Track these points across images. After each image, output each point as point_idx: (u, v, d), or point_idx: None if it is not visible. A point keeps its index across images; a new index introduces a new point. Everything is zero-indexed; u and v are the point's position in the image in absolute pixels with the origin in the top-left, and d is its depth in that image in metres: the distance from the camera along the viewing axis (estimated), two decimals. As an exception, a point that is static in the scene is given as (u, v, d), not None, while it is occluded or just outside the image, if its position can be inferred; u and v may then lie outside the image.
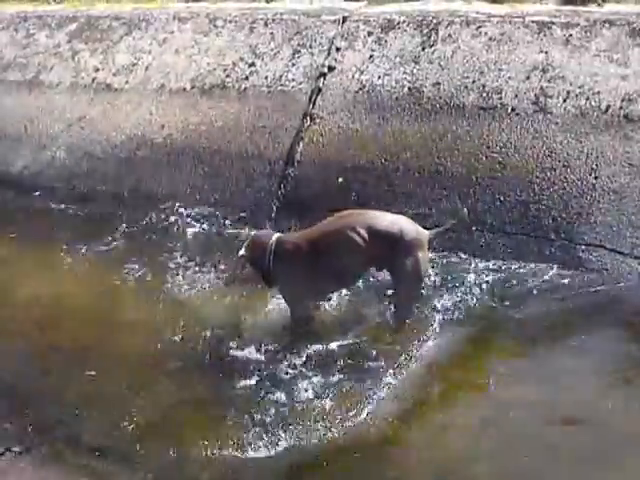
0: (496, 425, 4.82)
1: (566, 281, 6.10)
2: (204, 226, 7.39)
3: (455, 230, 6.21)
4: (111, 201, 8.03)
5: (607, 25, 7.10)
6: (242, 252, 5.66)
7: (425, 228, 5.72)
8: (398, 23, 7.87)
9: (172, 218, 7.51)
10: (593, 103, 6.76)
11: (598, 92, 6.80)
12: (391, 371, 5.35)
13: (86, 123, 8.77)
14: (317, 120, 7.64)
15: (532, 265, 6.31)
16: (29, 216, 8.13)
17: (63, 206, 8.19)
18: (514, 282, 6.16)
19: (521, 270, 6.29)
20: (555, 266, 6.25)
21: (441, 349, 5.60)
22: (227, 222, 7.36)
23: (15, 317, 6.43)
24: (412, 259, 5.51)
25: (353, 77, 7.73)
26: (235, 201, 7.55)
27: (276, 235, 5.72)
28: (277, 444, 4.88)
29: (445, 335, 5.69)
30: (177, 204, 7.64)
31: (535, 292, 6.04)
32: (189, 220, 7.48)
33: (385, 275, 5.90)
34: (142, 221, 7.56)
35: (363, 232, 5.47)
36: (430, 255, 5.84)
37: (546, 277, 6.18)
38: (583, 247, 6.29)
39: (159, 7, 9.64)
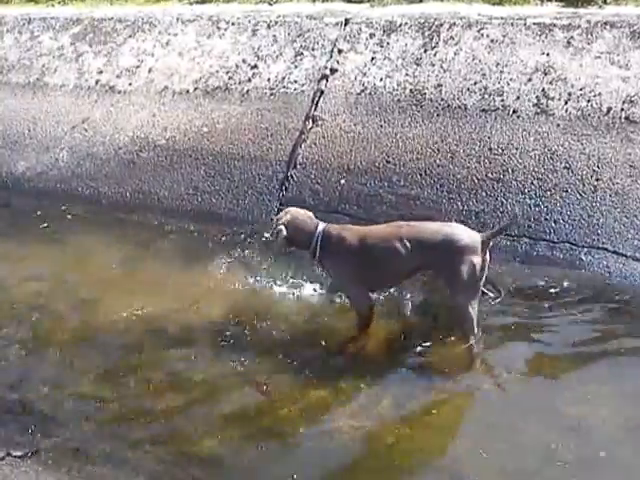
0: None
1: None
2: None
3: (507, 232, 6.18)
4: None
5: (608, 27, 7.11)
6: (284, 233, 5.70)
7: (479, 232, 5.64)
8: (400, 25, 7.88)
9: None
10: (594, 105, 6.77)
11: (599, 94, 6.81)
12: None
13: (89, 125, 8.79)
14: (319, 122, 7.65)
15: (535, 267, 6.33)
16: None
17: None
18: (518, 284, 6.18)
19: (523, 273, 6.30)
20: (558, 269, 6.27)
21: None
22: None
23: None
24: (464, 265, 5.40)
25: (355, 79, 7.75)
26: (237, 202, 7.55)
27: (322, 224, 5.76)
28: (278, 445, 4.90)
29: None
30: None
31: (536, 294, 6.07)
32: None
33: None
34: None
35: (407, 242, 5.48)
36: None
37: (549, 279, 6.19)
38: (585, 249, 6.30)
39: (163, 9, 9.65)
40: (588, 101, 6.81)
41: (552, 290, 6.09)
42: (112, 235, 7.54)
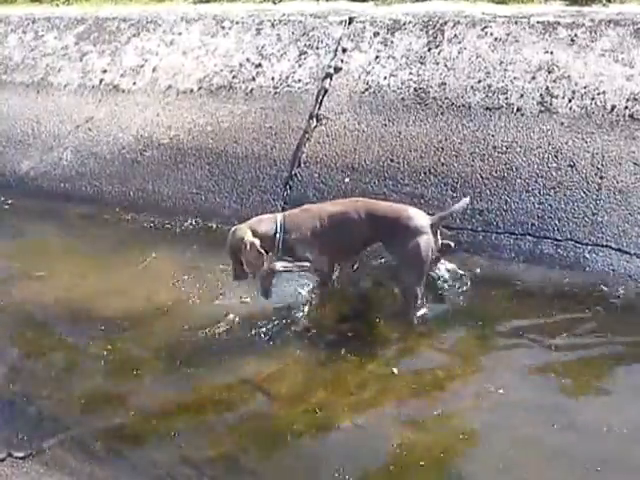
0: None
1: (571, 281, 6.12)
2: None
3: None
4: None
5: (612, 25, 7.10)
6: (252, 240, 5.78)
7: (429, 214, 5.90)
8: (404, 24, 7.87)
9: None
10: (598, 103, 6.76)
11: (603, 92, 6.80)
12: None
13: (93, 124, 8.79)
14: (323, 121, 7.64)
15: (539, 265, 6.32)
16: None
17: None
18: (519, 282, 6.17)
19: (527, 271, 6.30)
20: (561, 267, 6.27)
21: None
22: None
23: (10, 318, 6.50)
24: (414, 242, 5.67)
25: (359, 78, 7.74)
26: (241, 202, 7.55)
27: (279, 214, 6.02)
28: (279, 447, 4.88)
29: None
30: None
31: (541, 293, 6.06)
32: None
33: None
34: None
35: (362, 215, 5.82)
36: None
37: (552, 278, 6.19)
38: (589, 247, 6.28)
39: (167, 9, 9.65)
40: (592, 99, 6.80)
41: (556, 288, 6.06)
42: (115, 236, 7.56)
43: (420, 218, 5.76)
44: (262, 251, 5.74)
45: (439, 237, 5.84)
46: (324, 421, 4.99)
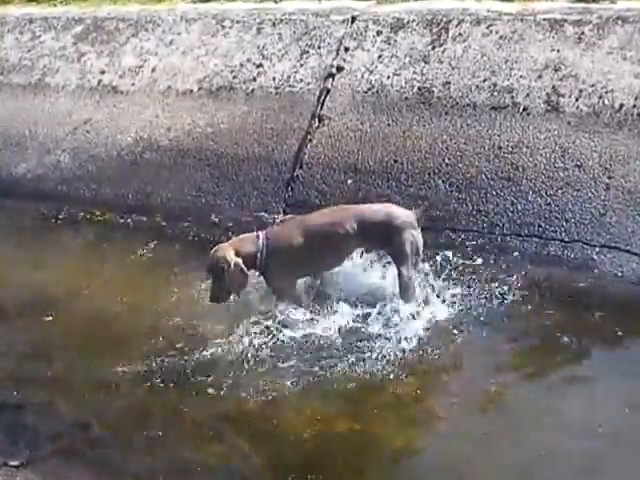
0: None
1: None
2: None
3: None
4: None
5: (620, 22, 7.03)
6: (235, 259, 5.74)
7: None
8: (407, 22, 7.81)
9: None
10: (606, 101, 6.70)
11: (611, 90, 6.73)
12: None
13: (92, 126, 8.76)
14: (326, 121, 7.60)
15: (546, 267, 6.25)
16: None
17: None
18: (528, 284, 6.09)
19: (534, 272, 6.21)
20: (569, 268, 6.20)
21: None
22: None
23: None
24: (405, 240, 5.81)
25: (362, 77, 7.69)
26: (242, 204, 7.49)
27: (261, 232, 5.94)
28: (279, 449, 4.83)
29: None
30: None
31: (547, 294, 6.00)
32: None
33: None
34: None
35: (350, 225, 5.81)
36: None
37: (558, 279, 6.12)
38: (597, 248, 6.22)
39: (166, 8, 9.60)
40: (600, 97, 6.73)
41: (563, 290, 6.00)
42: (113, 239, 7.56)
43: (405, 215, 5.88)
44: (246, 270, 5.73)
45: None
46: (324, 428, 4.94)
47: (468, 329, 5.70)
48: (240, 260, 5.73)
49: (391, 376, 5.28)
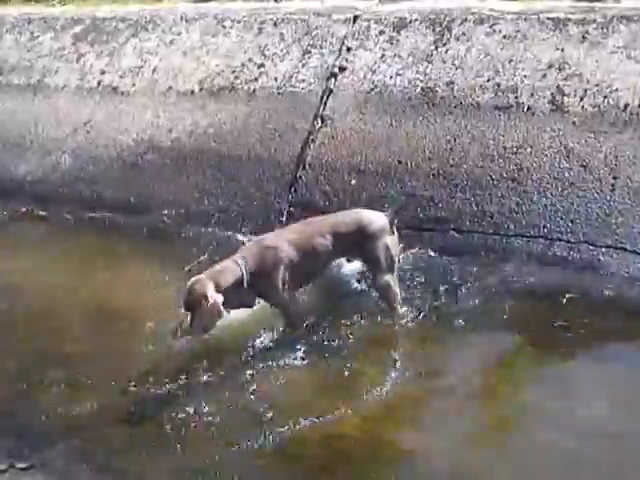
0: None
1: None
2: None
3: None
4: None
5: (624, 21, 6.98)
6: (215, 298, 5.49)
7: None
8: (410, 21, 7.77)
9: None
10: (611, 101, 6.66)
11: (616, 90, 6.69)
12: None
13: (92, 127, 8.77)
14: (328, 122, 7.57)
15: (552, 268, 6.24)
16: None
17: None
18: (533, 285, 6.10)
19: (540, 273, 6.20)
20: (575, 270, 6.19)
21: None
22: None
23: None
24: (381, 246, 5.77)
25: (364, 77, 7.65)
26: (245, 205, 7.48)
27: (239, 256, 5.71)
28: (280, 450, 4.80)
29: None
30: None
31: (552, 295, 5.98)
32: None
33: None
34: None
35: (325, 236, 5.78)
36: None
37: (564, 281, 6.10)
38: (603, 249, 6.19)
39: (166, 8, 9.60)
40: (604, 97, 6.69)
41: (569, 292, 5.95)
42: (114, 241, 7.53)
43: (379, 219, 5.84)
44: (223, 311, 5.49)
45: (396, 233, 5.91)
46: (329, 429, 4.91)
47: (473, 330, 5.70)
48: (220, 298, 5.48)
49: (395, 376, 5.29)
